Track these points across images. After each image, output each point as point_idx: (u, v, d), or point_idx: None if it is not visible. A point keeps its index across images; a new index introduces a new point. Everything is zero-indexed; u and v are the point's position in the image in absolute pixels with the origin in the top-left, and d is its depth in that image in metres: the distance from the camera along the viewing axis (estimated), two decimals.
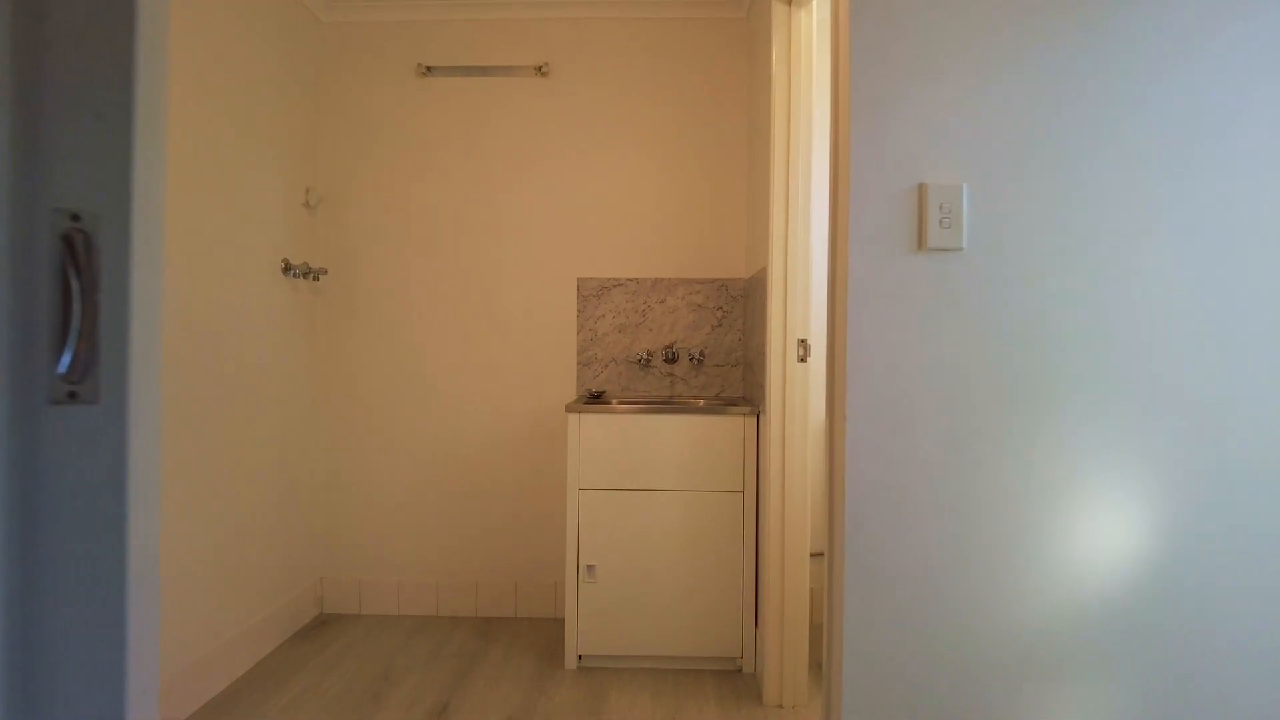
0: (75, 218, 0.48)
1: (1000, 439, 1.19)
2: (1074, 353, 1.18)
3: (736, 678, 2.33)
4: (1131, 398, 1.18)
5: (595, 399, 2.70)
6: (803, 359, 2.11)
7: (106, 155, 0.48)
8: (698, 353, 2.81)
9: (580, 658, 2.38)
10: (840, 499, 1.22)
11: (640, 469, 2.34)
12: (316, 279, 2.81)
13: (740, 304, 2.84)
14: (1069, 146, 1.19)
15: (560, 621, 2.78)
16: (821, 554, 2.61)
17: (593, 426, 2.35)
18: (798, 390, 2.12)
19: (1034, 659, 1.19)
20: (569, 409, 2.36)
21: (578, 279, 2.87)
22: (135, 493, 0.49)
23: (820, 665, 2.39)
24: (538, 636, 2.65)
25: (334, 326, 2.90)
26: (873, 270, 1.20)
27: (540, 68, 2.83)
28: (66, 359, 0.48)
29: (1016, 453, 1.19)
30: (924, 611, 1.20)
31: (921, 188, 1.20)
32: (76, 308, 0.48)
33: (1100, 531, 1.19)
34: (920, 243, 1.20)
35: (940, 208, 1.19)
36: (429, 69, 2.85)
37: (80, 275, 0.48)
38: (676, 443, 2.34)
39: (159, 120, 0.50)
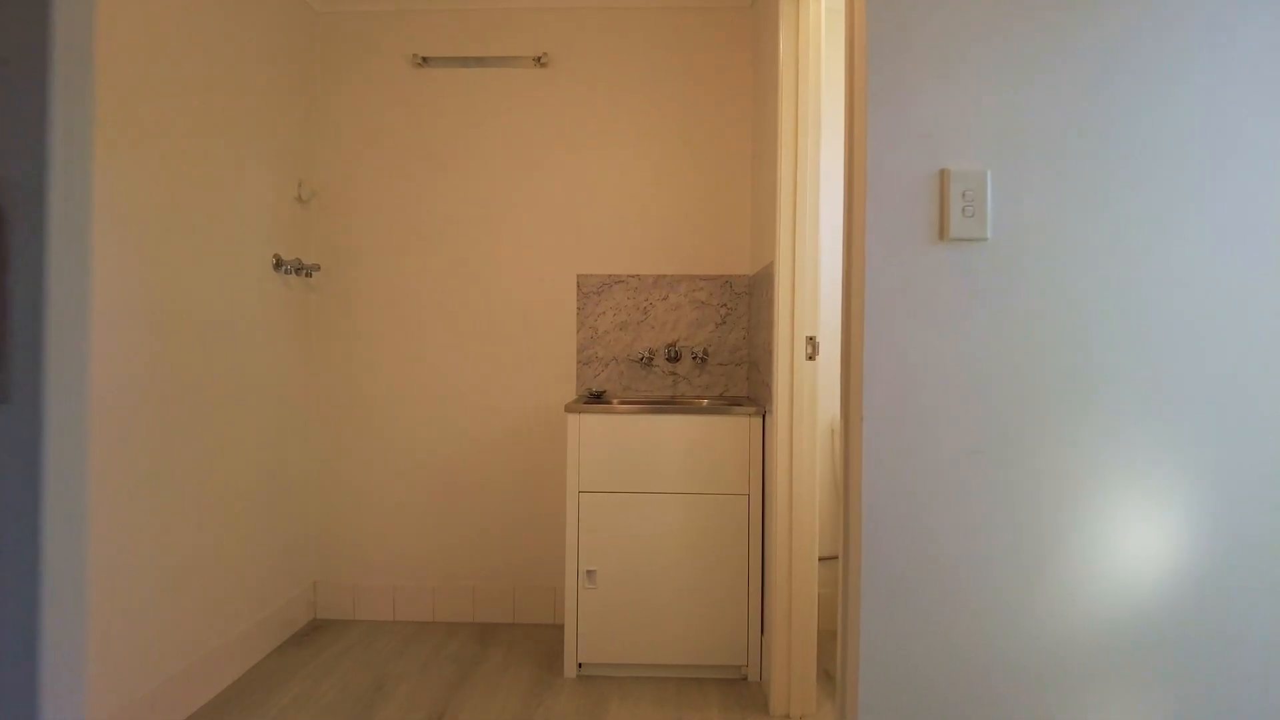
0: None
1: (1025, 439, 1.14)
2: (1102, 350, 1.13)
3: (742, 686, 2.26)
4: (1162, 397, 1.13)
5: (596, 399, 2.63)
6: (811, 357, 2.03)
7: (17, 110, 0.40)
8: (701, 351, 2.74)
9: (580, 665, 2.31)
10: (856, 501, 1.16)
11: (642, 471, 2.27)
12: (309, 275, 2.74)
13: (745, 301, 2.77)
14: (1099, 133, 1.13)
15: (559, 628, 2.71)
16: (830, 558, 2.55)
17: (593, 427, 2.28)
18: (806, 389, 2.05)
19: (1060, 666, 1.14)
20: (569, 409, 2.29)
21: (577, 275, 2.79)
22: (53, 507, 0.41)
23: (828, 674, 2.32)
24: (536, 643, 2.58)
25: (328, 324, 2.82)
26: (891, 262, 1.14)
27: (539, 58, 2.75)
28: None
29: (1042, 453, 1.13)
30: (944, 617, 1.14)
31: (943, 174, 1.13)
32: None
33: (1130, 535, 1.13)
34: (942, 233, 1.13)
35: (963, 195, 1.13)
36: (425, 60, 2.77)
37: None
38: (679, 444, 2.27)
39: (83, 69, 0.42)
